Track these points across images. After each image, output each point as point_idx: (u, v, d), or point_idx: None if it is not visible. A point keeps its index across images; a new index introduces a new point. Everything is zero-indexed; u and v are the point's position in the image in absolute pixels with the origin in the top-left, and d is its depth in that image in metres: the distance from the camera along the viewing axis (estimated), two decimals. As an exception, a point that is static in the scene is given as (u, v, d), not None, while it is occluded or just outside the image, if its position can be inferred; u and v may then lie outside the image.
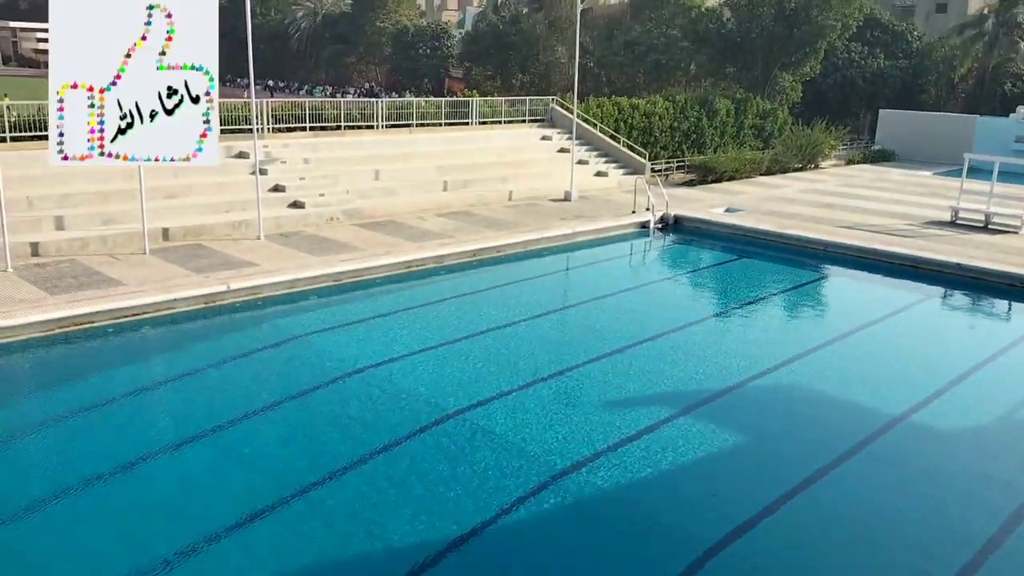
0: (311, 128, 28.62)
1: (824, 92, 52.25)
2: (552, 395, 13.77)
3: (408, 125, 31.61)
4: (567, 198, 29.28)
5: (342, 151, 28.31)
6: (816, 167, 40.86)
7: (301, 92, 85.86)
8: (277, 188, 24.60)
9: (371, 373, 14.20)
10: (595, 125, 35.78)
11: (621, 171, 34.17)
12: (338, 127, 29.52)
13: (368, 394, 13.53)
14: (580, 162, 32.57)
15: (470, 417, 12.60)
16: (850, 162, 43.84)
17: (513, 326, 17.37)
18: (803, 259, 24.00)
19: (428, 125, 32.34)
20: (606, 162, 34.60)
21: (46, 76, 16.99)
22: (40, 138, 22.65)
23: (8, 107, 22.30)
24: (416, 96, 62.70)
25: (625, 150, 35.41)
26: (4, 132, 21.65)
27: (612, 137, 35.80)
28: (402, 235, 22.92)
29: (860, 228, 25.86)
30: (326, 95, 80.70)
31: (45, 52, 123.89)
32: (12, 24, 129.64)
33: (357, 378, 14.02)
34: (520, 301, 19.60)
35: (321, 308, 18.20)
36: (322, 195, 24.84)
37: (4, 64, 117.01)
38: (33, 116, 22.71)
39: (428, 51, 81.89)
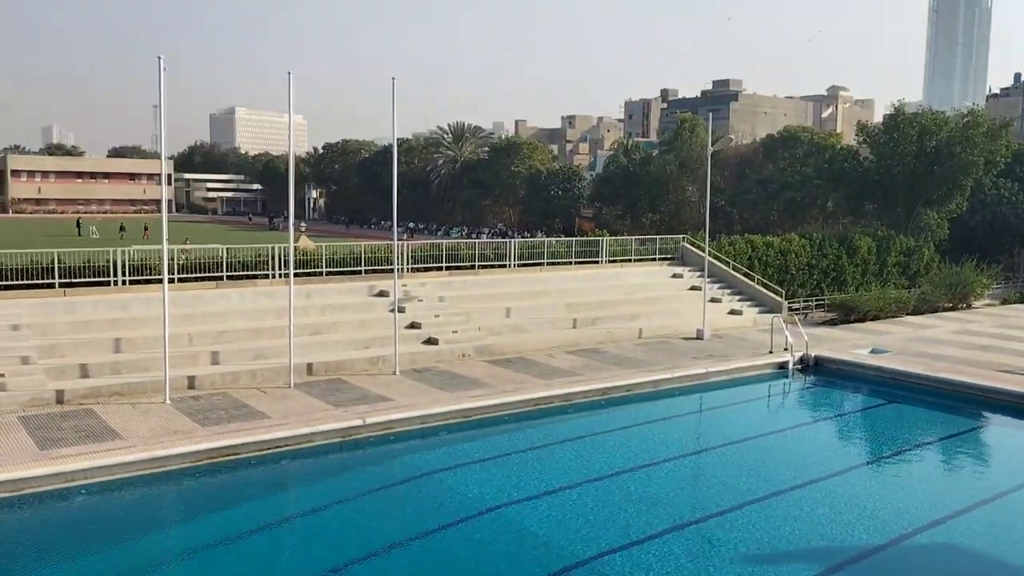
0: (447, 267, 29.82)
1: (972, 229, 50.03)
2: (687, 547, 13.13)
3: (539, 264, 32.42)
4: (699, 336, 28.84)
5: (475, 289, 29.22)
6: (968, 307, 38.65)
7: (439, 233, 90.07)
8: (413, 325, 25.51)
9: (499, 513, 14.05)
10: (727, 263, 35.52)
11: (756, 309, 33.49)
12: (472, 266, 30.63)
13: (495, 536, 13.34)
14: (712, 300, 32.21)
15: (600, 567, 12.15)
16: (1005, 301, 41.27)
17: (644, 469, 16.89)
18: (958, 405, 22.37)
19: (559, 264, 33.05)
20: (740, 300, 34.05)
21: (214, 222, 18.61)
22: (204, 279, 24.71)
23: (185, 250, 24.52)
24: (547, 236, 64.47)
25: (760, 288, 34.81)
26: (174, 273, 23.65)
27: (746, 275, 35.36)
28: (531, 372, 23.09)
29: (1021, 373, 24.01)
30: (462, 236, 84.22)
31: (213, 200, 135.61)
32: (187, 176, 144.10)
33: (485, 518, 13.88)
34: (651, 443, 19.12)
35: (451, 444, 18.35)
36: (455, 332, 25.54)
37: (178, 211, 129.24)
38: (202, 259, 24.83)
39: (560, 192, 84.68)
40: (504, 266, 31.45)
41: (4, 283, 21.81)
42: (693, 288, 33.30)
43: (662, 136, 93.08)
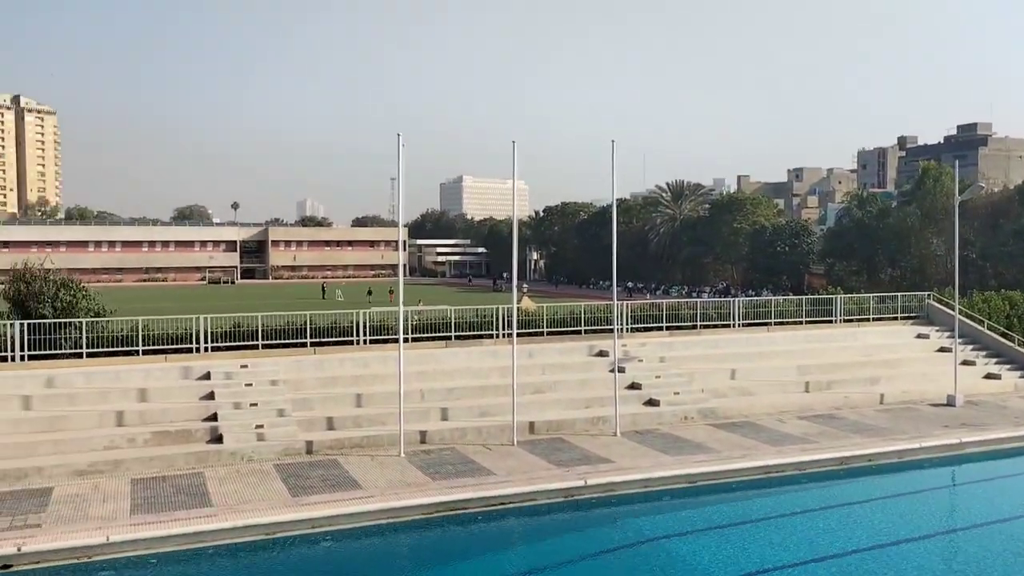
0: (667, 327, 29.39)
1: None
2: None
3: (766, 323, 31.10)
4: (950, 403, 26.19)
5: (697, 350, 28.51)
6: None
7: (658, 292, 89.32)
8: (633, 386, 25.27)
9: (727, 587, 13.36)
10: (982, 322, 32.18)
11: (1017, 373, 29.94)
12: (694, 326, 29.97)
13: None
14: (965, 363, 29.22)
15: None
16: None
17: (889, 547, 15.42)
18: None
19: (787, 323, 31.52)
20: (997, 363, 30.62)
21: (442, 284, 19.67)
22: (435, 338, 26.07)
23: (418, 312, 26.12)
24: (774, 294, 61.83)
25: (1021, 349, 31.14)
26: (408, 333, 25.15)
27: (1004, 335, 31.82)
28: (760, 437, 22.00)
29: None
30: (682, 295, 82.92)
31: (442, 263, 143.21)
32: (419, 241, 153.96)
33: (712, 591, 13.26)
34: (897, 519, 17.45)
35: (675, 510, 17.81)
36: (677, 393, 24.99)
37: (410, 274, 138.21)
38: (432, 320, 26.27)
39: (787, 248, 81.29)
40: (728, 326, 30.50)
41: (267, 342, 24.25)
42: (942, 350, 30.45)
43: (901, 186, 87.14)
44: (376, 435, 20.91)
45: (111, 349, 22.87)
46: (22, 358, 21.94)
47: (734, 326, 30.51)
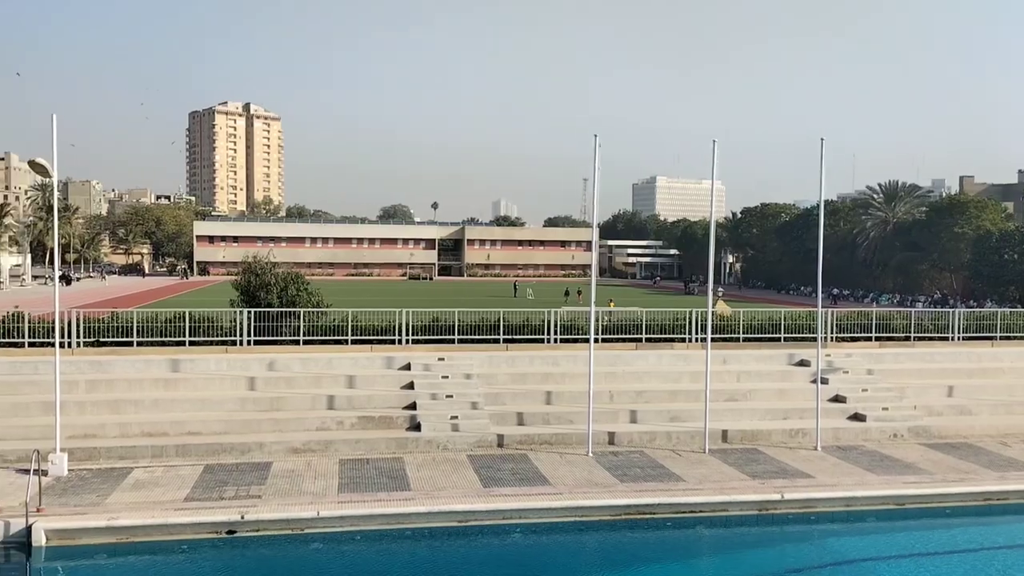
0: (877, 338, 27.55)
1: None
2: None
3: (990, 337, 28.39)
4: None
5: (910, 363, 26.49)
6: None
7: (866, 300, 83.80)
8: (837, 398, 23.89)
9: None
10: None
11: None
12: (907, 337, 27.90)
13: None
14: None
15: None
16: None
17: None
18: None
19: (1016, 338, 28.59)
20: None
21: (632, 285, 19.52)
22: (625, 340, 25.94)
23: (610, 313, 26.15)
24: (999, 306, 56.36)
25: None
26: (598, 334, 25.18)
27: None
28: (979, 461, 20.12)
29: None
30: (893, 303, 77.36)
31: (632, 264, 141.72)
32: (610, 242, 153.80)
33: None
34: None
35: (880, 533, 16.67)
36: (885, 409, 23.35)
37: (600, 275, 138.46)
38: (623, 321, 26.18)
39: (1016, 256, 73.69)
40: (945, 338, 28.12)
41: (462, 337, 25.18)
42: None
43: None
44: (565, 433, 21.12)
45: (324, 338, 24.66)
46: (249, 342, 24.13)
47: (953, 339, 28.09)
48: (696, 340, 25.94)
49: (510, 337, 25.55)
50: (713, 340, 22.60)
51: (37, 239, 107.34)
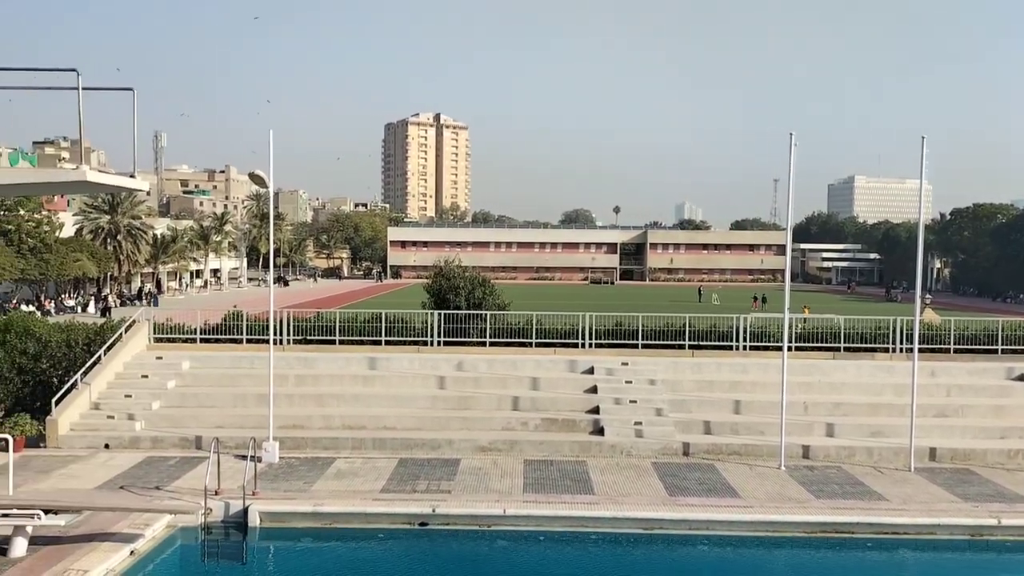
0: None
1: None
2: None
3: None
4: None
5: None
6: None
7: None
8: (1067, 418, 21.50)
9: None
10: None
11: None
12: None
13: None
14: None
15: None
16: None
17: None
18: None
19: None
20: None
21: (827, 291, 18.47)
22: (820, 348, 24.62)
23: (804, 320, 24.97)
24: None
25: None
26: (791, 342, 24.05)
27: None
28: None
29: None
30: None
31: (828, 269, 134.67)
32: (802, 246, 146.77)
33: None
34: None
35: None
36: None
37: (792, 280, 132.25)
38: (818, 329, 24.89)
39: None
40: None
41: (646, 342, 24.92)
42: None
43: None
44: (754, 444, 20.36)
45: (509, 340, 25.22)
46: (439, 343, 25.11)
47: None
48: (901, 351, 24.21)
49: (696, 343, 24.98)
50: (920, 351, 20.95)
51: (252, 244, 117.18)
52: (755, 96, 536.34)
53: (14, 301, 60.48)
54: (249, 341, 24.91)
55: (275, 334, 21.70)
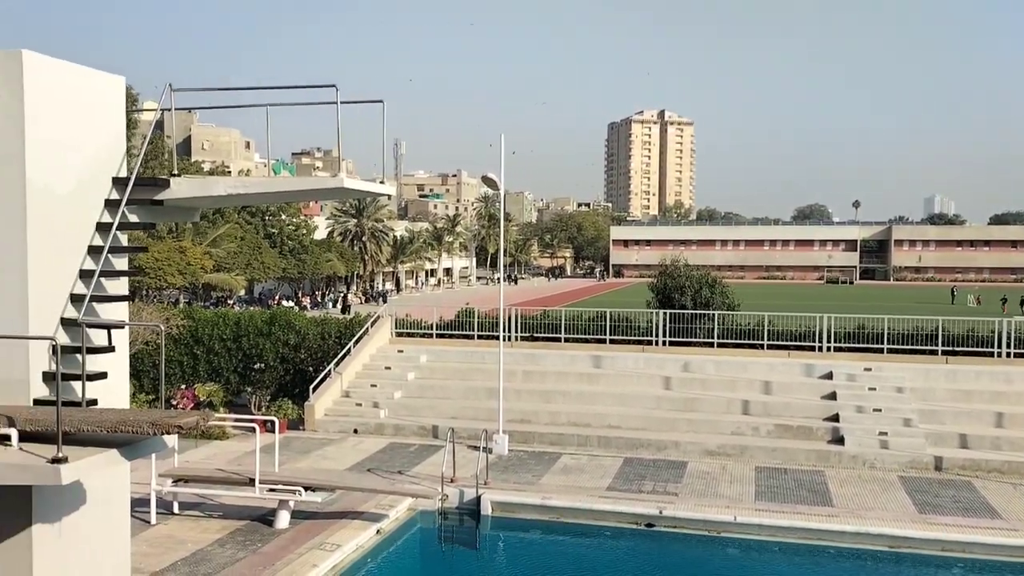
0: None
1: None
2: None
3: None
4: None
5: None
6: None
7: None
8: None
9: None
10: None
11: None
12: None
13: None
14: None
15: None
16: None
17: None
18: None
19: None
20: None
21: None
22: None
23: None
24: None
25: None
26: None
27: None
28: None
29: None
30: None
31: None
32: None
33: None
34: None
35: None
36: None
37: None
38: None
39: None
40: None
41: (891, 347, 23.08)
42: None
43: None
44: (1019, 462, 18.25)
45: (738, 341, 24.36)
46: (664, 343, 24.78)
47: None
48: None
49: (950, 349, 22.77)
50: None
51: (480, 244, 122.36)
52: (1010, 79, 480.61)
53: (276, 297, 67.38)
54: (480, 337, 25.96)
55: (504, 331, 22.45)
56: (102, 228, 8.76)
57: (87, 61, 8.58)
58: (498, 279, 23.95)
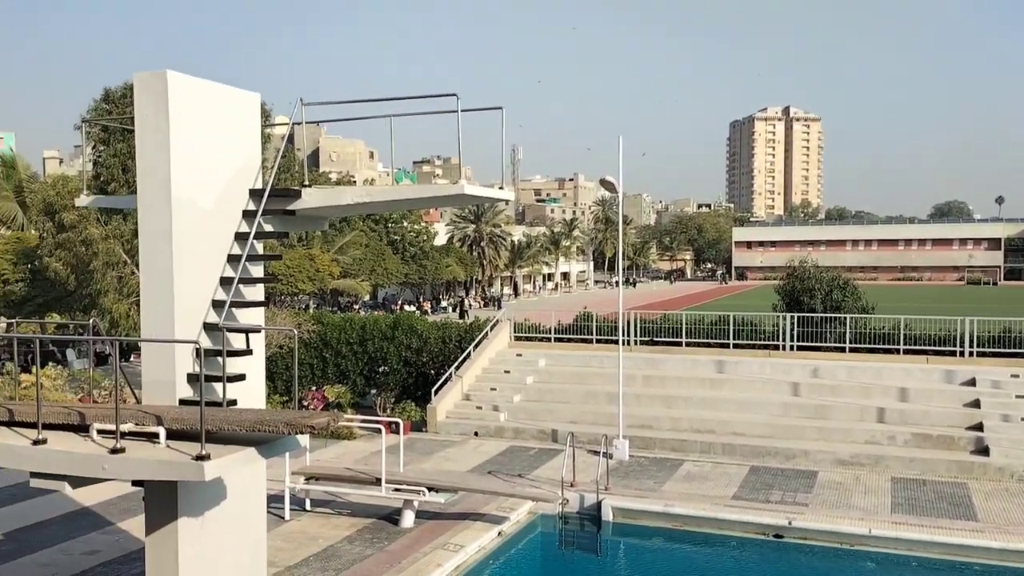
0: None
1: None
2: None
3: None
4: None
5: None
6: None
7: None
8: None
9: None
10: None
11: None
12: None
13: None
14: None
15: None
16: None
17: None
18: None
19: None
20: None
21: None
22: None
23: None
24: None
25: None
26: None
27: None
28: None
29: None
30: None
31: None
32: None
33: None
34: None
35: None
36: None
37: None
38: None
39: None
40: None
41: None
42: None
43: None
44: None
45: (871, 346, 23.23)
46: (791, 347, 23.92)
47: None
48: None
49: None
50: None
51: (598, 248, 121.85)
52: None
53: (399, 301, 69.27)
54: (598, 341, 25.81)
55: (623, 335, 22.22)
56: (240, 237, 9.24)
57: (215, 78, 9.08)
58: (616, 282, 23.64)
